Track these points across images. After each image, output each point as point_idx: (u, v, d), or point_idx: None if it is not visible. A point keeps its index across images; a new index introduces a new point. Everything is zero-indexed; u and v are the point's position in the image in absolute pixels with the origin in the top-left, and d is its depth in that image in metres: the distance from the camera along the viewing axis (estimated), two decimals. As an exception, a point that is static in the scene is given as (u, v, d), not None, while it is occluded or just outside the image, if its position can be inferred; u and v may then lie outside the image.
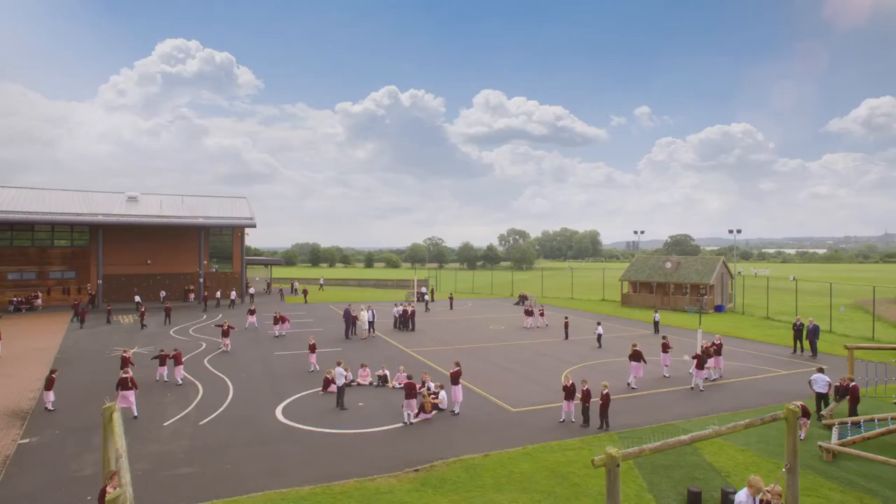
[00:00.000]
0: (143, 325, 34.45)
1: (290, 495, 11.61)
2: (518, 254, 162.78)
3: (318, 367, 22.74)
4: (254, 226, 51.34)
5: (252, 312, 35.17)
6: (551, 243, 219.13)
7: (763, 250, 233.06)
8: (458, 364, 18.34)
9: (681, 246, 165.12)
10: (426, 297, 48.89)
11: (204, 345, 28.57)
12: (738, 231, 48.03)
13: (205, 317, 39.94)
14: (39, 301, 42.57)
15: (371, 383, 20.88)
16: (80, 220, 44.48)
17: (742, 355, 26.76)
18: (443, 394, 17.75)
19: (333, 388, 19.34)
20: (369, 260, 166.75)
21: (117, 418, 8.19)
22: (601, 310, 47.03)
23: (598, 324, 30.47)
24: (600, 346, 28.84)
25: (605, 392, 15.93)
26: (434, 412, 17.12)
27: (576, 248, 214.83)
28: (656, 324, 34.49)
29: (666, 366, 22.08)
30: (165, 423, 16.40)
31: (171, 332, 33.08)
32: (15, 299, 41.81)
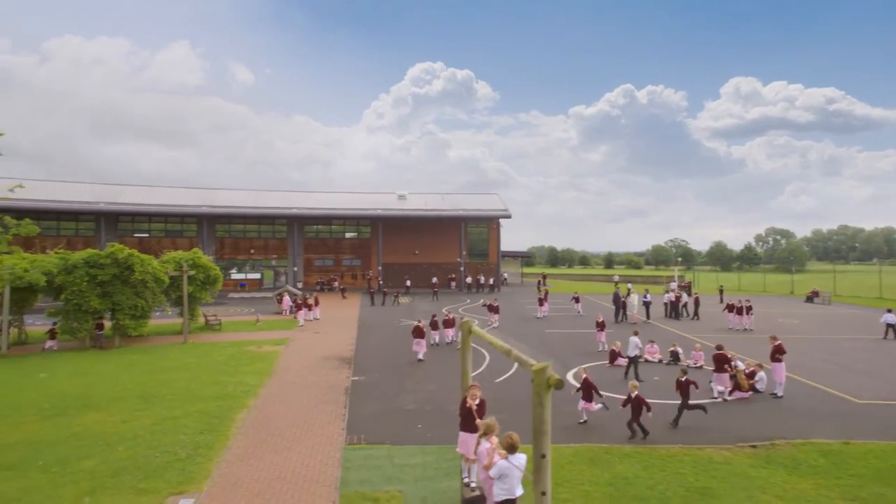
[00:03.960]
0: (393, 303, 39.62)
1: (612, 450, 10.95)
2: (784, 254, 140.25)
3: (606, 345, 21.74)
4: (509, 216, 53.27)
5: (545, 301, 34.87)
6: (825, 243, 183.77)
7: None
8: (775, 338, 15.73)
9: None
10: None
11: (476, 321, 29.98)
12: None
13: (468, 301, 42.49)
14: (337, 283, 50.45)
15: (661, 360, 19.26)
16: (366, 213, 51.65)
17: None
18: (761, 374, 15.32)
19: (620, 361, 18.37)
20: (609, 261, 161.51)
21: (476, 328, 8.40)
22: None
23: (889, 311, 25.78)
24: (885, 337, 24.96)
25: None
26: (751, 392, 14.83)
27: (862, 248, 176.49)
28: None
29: None
30: (464, 377, 17.28)
31: (443, 310, 35.75)
32: (320, 281, 50.39)
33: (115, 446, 11.03)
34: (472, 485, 8.18)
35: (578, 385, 13.72)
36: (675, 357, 19.04)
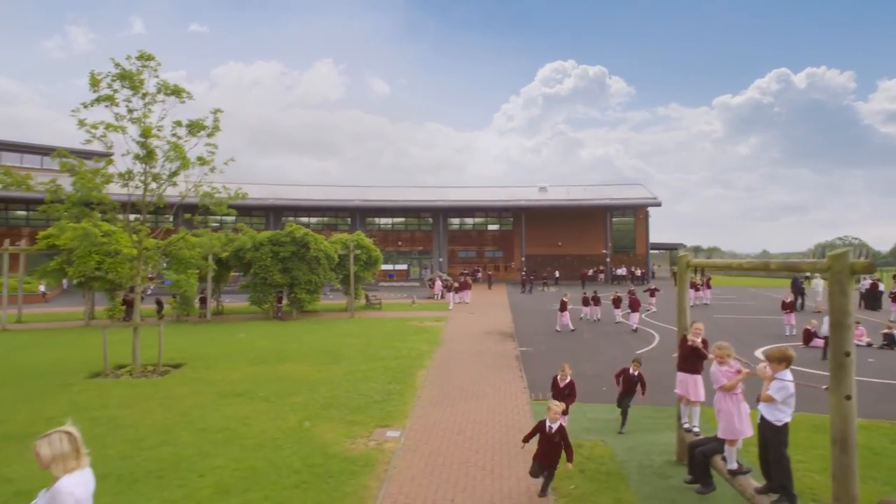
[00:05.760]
0: (527, 291, 40.28)
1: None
2: None
3: (795, 328, 19.68)
4: (658, 204, 50.36)
5: (701, 286, 33.00)
6: None
7: None
8: None
9: None
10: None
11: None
12: None
13: (617, 291, 40.72)
14: (480, 274, 51.19)
15: (869, 344, 16.79)
16: (509, 204, 51.81)
17: None
18: None
19: (817, 342, 16.30)
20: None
21: (695, 260, 7.82)
22: None
23: None
24: None
25: None
26: None
27: None
28: None
29: None
30: (639, 351, 16.51)
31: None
32: (464, 272, 51.37)
33: (317, 388, 11.91)
34: (695, 430, 7.56)
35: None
36: (890, 340, 16.46)
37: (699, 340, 7.62)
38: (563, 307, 21.36)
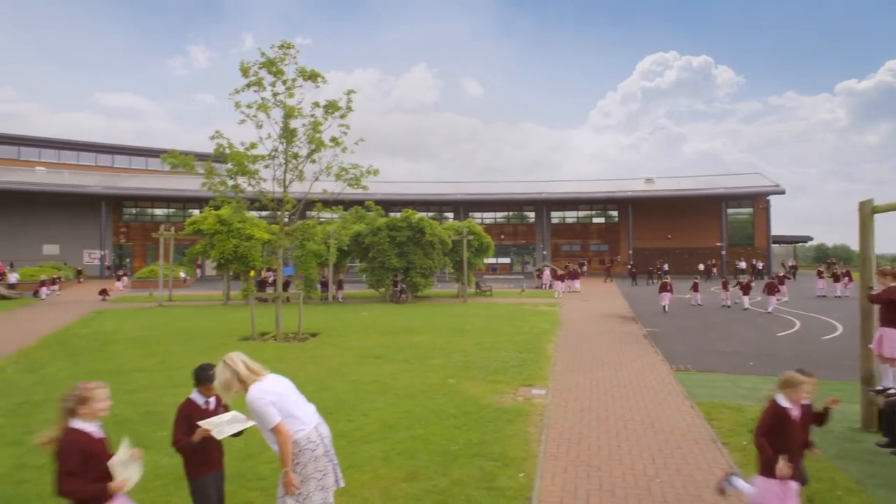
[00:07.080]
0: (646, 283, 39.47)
1: None
2: None
3: None
4: (781, 192, 46.46)
5: (826, 276, 30.53)
6: None
7: None
8: None
9: None
10: None
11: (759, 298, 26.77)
12: None
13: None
14: (585, 267, 49.95)
15: None
16: (616, 196, 50.09)
17: None
18: None
19: None
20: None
21: (881, 206, 7.08)
22: None
23: None
24: None
25: None
26: None
27: None
28: None
29: None
30: (779, 334, 15.38)
31: (710, 288, 32.71)
32: (568, 265, 50.44)
33: (451, 354, 12.15)
34: (891, 391, 6.85)
35: None
36: None
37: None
38: (662, 288, 22.02)
